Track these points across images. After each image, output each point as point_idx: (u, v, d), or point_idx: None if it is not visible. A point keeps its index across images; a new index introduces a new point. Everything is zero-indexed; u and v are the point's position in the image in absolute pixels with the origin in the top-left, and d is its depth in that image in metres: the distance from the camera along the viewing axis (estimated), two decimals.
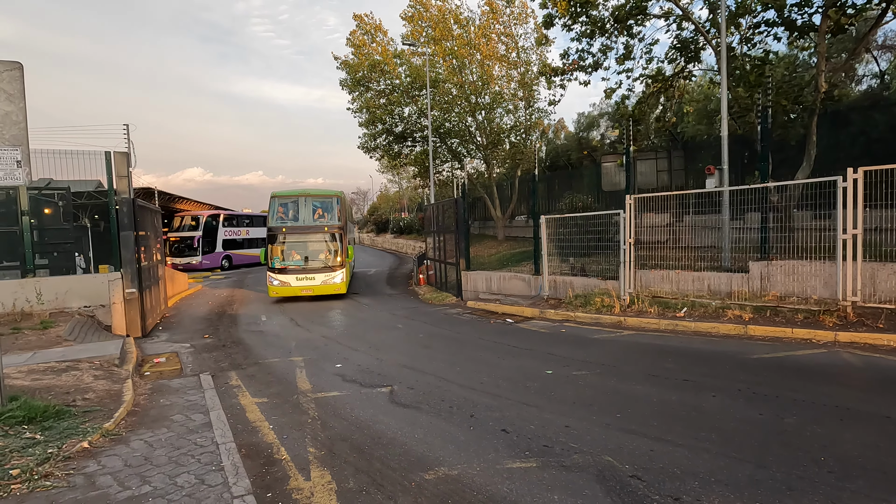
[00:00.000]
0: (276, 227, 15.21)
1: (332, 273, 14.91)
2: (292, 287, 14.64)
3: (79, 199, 14.45)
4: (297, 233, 15.17)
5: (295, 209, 15.69)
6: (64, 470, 3.64)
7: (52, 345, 7.50)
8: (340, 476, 3.54)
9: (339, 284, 14.98)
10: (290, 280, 14.60)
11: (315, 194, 16.30)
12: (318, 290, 14.77)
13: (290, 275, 14.61)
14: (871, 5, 11.75)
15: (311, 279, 14.70)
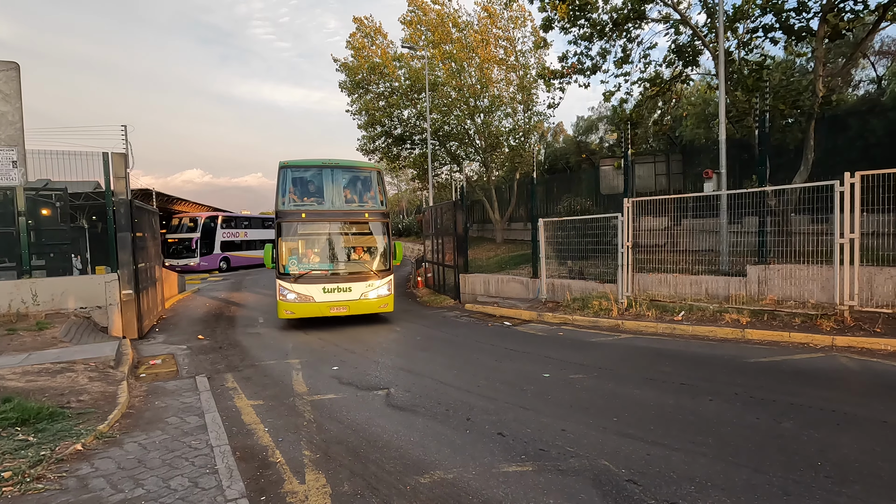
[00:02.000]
0: (291, 212, 10.05)
1: (375, 282, 10.21)
2: (317, 304, 9.82)
3: (76, 199, 14.41)
4: (324, 220, 10.31)
5: (317, 186, 10.79)
6: (56, 472, 3.61)
7: (48, 346, 7.46)
8: (335, 479, 3.52)
9: (384, 298, 10.37)
10: (314, 292, 9.81)
11: (346, 165, 11.12)
12: (357, 308, 10.08)
13: (313, 284, 9.86)
14: (867, 11, 11.80)
15: (347, 291, 10.03)
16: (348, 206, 10.65)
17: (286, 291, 9.82)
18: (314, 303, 9.83)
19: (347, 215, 10.47)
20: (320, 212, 10.28)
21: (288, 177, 10.41)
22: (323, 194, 10.56)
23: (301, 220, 10.06)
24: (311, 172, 10.84)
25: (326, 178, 10.66)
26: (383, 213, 10.76)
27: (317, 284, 9.90)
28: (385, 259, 10.52)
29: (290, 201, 10.34)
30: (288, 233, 10.02)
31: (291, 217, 10.03)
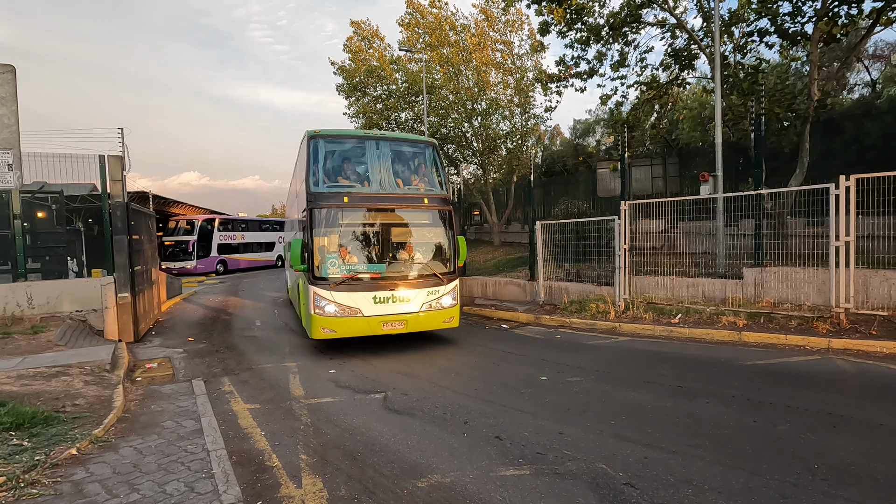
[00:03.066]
0: (329, 195, 7.78)
1: (440, 288, 8.02)
2: (365, 319, 7.53)
3: (72, 202, 14.37)
4: (373, 207, 7.98)
5: (359, 163, 8.43)
6: (51, 477, 3.59)
7: (43, 349, 7.41)
8: (332, 483, 3.51)
9: (450, 310, 8.12)
10: (363, 303, 7.52)
11: (396, 137, 9.15)
12: (417, 324, 7.82)
13: (361, 292, 7.54)
14: (862, 16, 11.90)
15: (405, 301, 7.73)
16: (402, 189, 8.28)
17: (324, 302, 7.33)
18: (362, 317, 7.44)
19: (402, 201, 8.14)
20: (368, 196, 7.92)
21: (320, 151, 7.95)
22: (367, 174, 8.20)
23: (343, 207, 7.68)
24: (351, 146, 8.51)
25: (371, 154, 8.22)
26: (445, 199, 8.39)
27: (365, 292, 7.50)
28: (449, 258, 8.25)
29: (324, 182, 7.88)
30: (324, 223, 7.61)
31: (329, 202, 7.65)
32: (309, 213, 7.60)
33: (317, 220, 7.59)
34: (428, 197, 8.28)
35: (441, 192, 8.47)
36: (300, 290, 8.87)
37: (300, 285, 8.91)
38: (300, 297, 8.96)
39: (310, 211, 7.60)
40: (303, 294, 8.45)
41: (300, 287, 8.91)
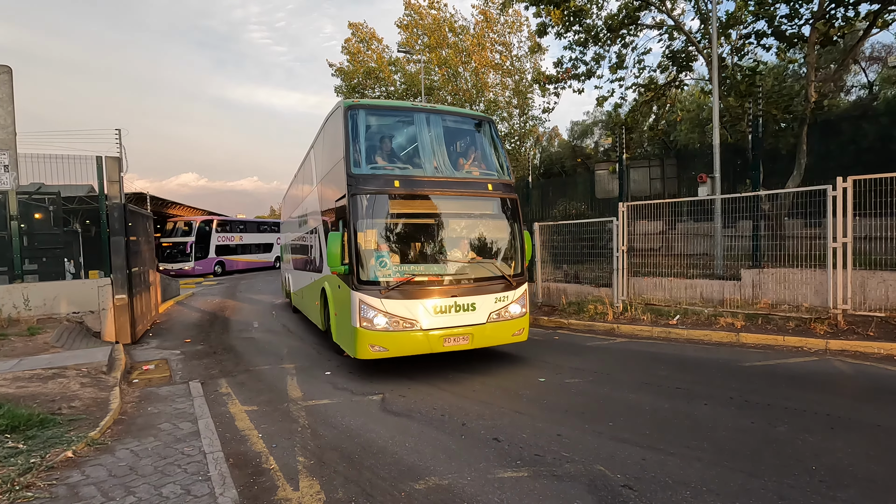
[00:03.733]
0: (376, 178, 6.39)
1: (508, 294, 6.66)
2: (423, 333, 6.14)
3: (69, 203, 14.31)
4: (429, 194, 6.56)
5: (408, 141, 7.32)
6: (46, 480, 3.57)
7: (39, 351, 7.38)
8: (330, 486, 3.49)
9: (519, 320, 6.78)
10: (420, 314, 6.13)
11: (450, 111, 7.70)
12: (483, 338, 6.49)
13: (417, 300, 6.15)
14: (858, 18, 11.95)
15: (469, 310, 6.36)
16: (461, 173, 6.92)
17: (372, 312, 5.94)
18: (419, 332, 6.04)
19: (463, 186, 6.72)
20: (423, 180, 6.47)
21: (360, 124, 6.58)
22: (418, 154, 6.84)
23: (394, 193, 6.26)
24: (396, 120, 7.25)
25: (421, 130, 6.86)
26: (510, 186, 7.08)
27: (423, 300, 6.09)
28: (517, 257, 6.91)
29: (367, 163, 6.45)
30: (371, 213, 6.16)
31: (376, 186, 6.21)
32: (350, 201, 6.13)
33: (361, 209, 6.11)
34: (492, 183, 6.92)
35: (505, 177, 7.14)
36: (331, 296, 7.48)
37: (328, 291, 7.66)
38: (330, 304, 7.49)
39: (352, 198, 6.14)
40: (335, 301, 7.17)
41: (329, 293, 7.58)
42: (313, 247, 9.47)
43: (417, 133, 6.96)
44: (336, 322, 7.21)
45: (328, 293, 7.72)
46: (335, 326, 7.29)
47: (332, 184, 7.28)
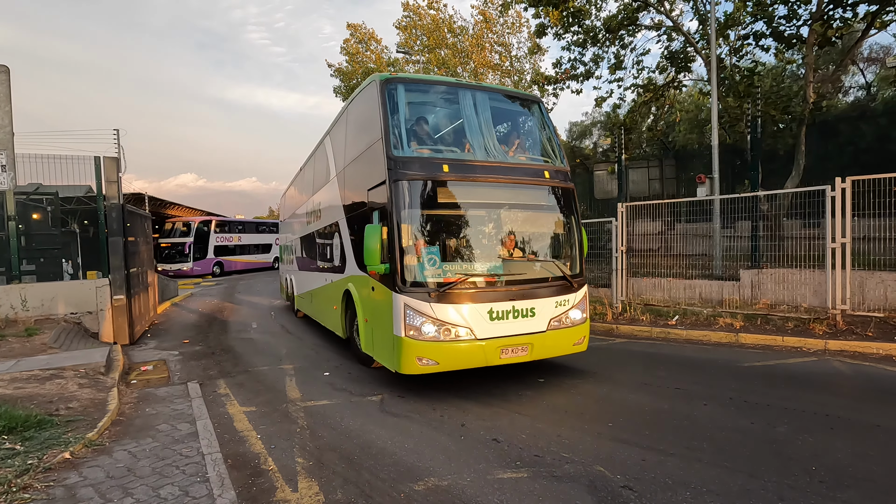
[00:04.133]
0: (423, 160, 5.59)
1: (568, 297, 5.87)
2: (478, 343, 5.27)
3: (67, 204, 14.28)
4: (482, 181, 5.72)
5: (452, 118, 6.60)
6: (44, 482, 3.55)
7: (37, 352, 7.36)
8: (329, 487, 3.48)
9: (580, 327, 5.98)
10: (476, 320, 5.28)
11: (497, 90, 7.13)
12: (543, 349, 5.71)
13: (471, 304, 5.30)
14: (856, 19, 11.98)
15: (528, 315, 5.56)
16: (513, 158, 6.12)
17: (419, 319, 5.11)
18: (474, 342, 5.20)
19: (517, 174, 5.91)
20: (475, 165, 5.64)
21: (400, 100, 5.75)
22: (465, 136, 5.98)
23: (442, 179, 5.43)
24: (439, 97, 6.46)
25: (467, 109, 6.06)
26: (566, 175, 6.30)
27: (478, 304, 5.27)
28: (575, 255, 6.12)
29: (410, 143, 5.64)
30: (416, 202, 5.37)
31: (423, 171, 5.41)
32: (392, 189, 5.27)
33: (405, 197, 5.27)
34: (549, 170, 6.12)
35: (560, 164, 6.36)
36: (359, 300, 6.59)
37: (355, 294, 6.75)
38: (358, 309, 6.57)
39: (393, 185, 5.28)
40: (366, 306, 6.31)
41: (357, 297, 6.66)
42: (330, 245, 8.45)
43: (463, 112, 6.09)
44: (367, 330, 6.34)
45: (355, 297, 6.75)
46: (365, 335, 6.39)
47: (362, 171, 6.43)
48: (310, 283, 10.60)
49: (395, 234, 5.23)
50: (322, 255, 9.30)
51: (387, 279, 5.42)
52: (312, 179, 10.43)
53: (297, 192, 12.97)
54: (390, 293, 5.33)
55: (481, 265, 5.58)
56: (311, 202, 10.34)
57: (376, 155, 5.73)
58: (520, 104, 6.98)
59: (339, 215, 7.75)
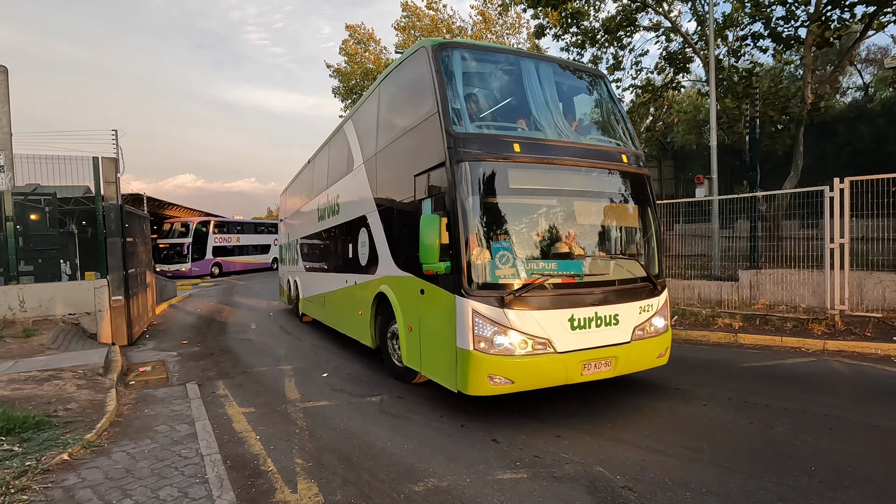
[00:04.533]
0: (490, 138, 4.74)
1: (651, 301, 5.07)
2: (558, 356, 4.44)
3: (66, 204, 14.27)
4: (561, 162, 4.88)
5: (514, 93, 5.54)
6: (42, 483, 3.54)
7: (35, 353, 7.34)
8: (328, 488, 3.47)
9: (664, 337, 5.19)
10: (555, 329, 4.44)
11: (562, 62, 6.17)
12: (628, 363, 4.88)
13: (549, 311, 4.47)
14: (854, 20, 12.02)
15: (612, 324, 4.72)
16: (586, 139, 5.39)
17: (490, 329, 4.31)
18: (553, 355, 4.43)
19: (595, 157, 5.14)
20: (550, 145, 4.89)
21: (456, 70, 4.99)
22: (531, 112, 5.19)
23: (515, 160, 4.65)
24: (498, 67, 5.61)
25: (530, 81, 5.31)
26: (641, 160, 5.58)
27: (557, 311, 4.50)
28: (655, 253, 5.37)
29: (471, 118, 4.90)
30: (483, 188, 4.54)
31: (490, 151, 4.61)
32: (454, 172, 4.47)
33: (471, 182, 4.45)
34: (627, 154, 5.37)
35: (634, 147, 5.60)
36: (400, 305, 5.72)
37: (394, 298, 5.87)
38: (400, 316, 5.68)
39: (456, 167, 4.46)
40: (412, 313, 5.38)
41: (397, 301, 5.80)
42: (353, 242, 7.55)
43: (525, 85, 5.31)
44: (411, 340, 5.43)
45: (393, 301, 5.87)
46: (409, 346, 5.48)
47: (405, 154, 5.65)
48: (322, 286, 9.82)
49: (459, 225, 4.40)
50: (340, 255, 8.46)
51: (447, 280, 4.56)
52: (326, 171, 9.54)
53: (303, 188, 12.04)
54: (451, 297, 4.48)
55: (560, 264, 4.72)
56: (325, 196, 9.49)
57: (429, 133, 4.89)
58: (585, 78, 6.11)
59: (367, 208, 6.94)
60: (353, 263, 7.61)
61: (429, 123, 4.95)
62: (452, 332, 4.49)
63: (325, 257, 9.68)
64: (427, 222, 4.53)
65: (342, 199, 8.36)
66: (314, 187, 10.64)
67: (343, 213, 8.25)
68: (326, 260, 9.60)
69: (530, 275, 4.52)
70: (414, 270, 5.24)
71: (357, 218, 7.44)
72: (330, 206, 9.10)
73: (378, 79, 6.85)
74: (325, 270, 9.62)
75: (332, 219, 8.92)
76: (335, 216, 8.74)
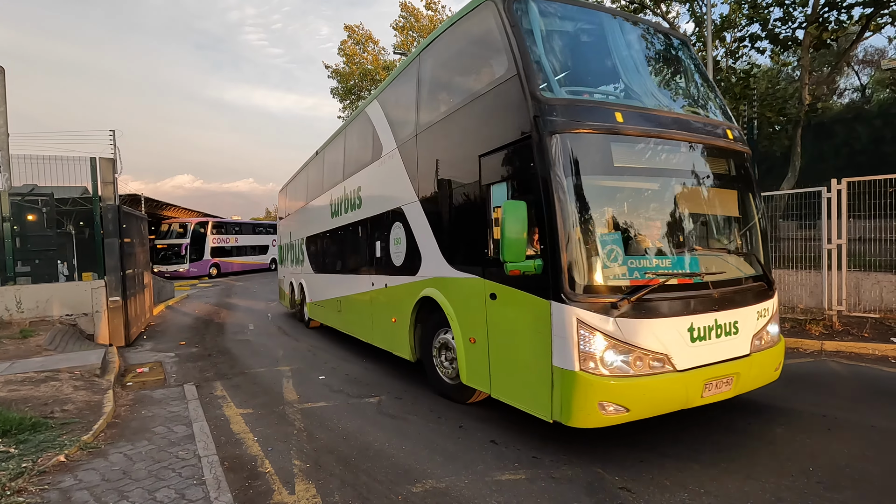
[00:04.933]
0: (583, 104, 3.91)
1: (766, 304, 4.29)
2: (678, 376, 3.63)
3: (63, 205, 14.23)
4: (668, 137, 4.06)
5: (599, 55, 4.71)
6: (38, 485, 3.52)
7: (32, 354, 7.31)
8: (326, 490, 3.46)
9: (778, 347, 4.45)
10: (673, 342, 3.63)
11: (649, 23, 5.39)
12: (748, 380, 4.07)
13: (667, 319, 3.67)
14: (851, 21, 12.06)
15: (731, 333, 3.91)
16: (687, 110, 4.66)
17: (598, 342, 3.50)
18: (672, 374, 3.66)
19: (698, 130, 4.33)
20: (654, 115, 4.16)
21: (534, 25, 4.23)
22: (622, 78, 4.54)
23: (618, 131, 3.89)
24: (579, 24, 4.76)
25: (616, 42, 4.68)
26: (742, 135, 4.81)
27: (676, 319, 3.75)
28: (762, 247, 4.63)
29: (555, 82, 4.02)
30: (582, 167, 3.77)
31: (586, 120, 3.82)
32: (545, 147, 3.64)
33: (568, 158, 3.66)
34: (731, 129, 4.60)
35: (733, 122, 4.84)
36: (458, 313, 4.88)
37: (447, 304, 5.05)
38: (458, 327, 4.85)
39: (549, 140, 3.64)
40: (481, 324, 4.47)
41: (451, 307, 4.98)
42: (388, 239, 6.57)
43: (612, 46, 4.60)
44: (475, 355, 4.60)
45: (446, 307, 5.02)
46: (472, 361, 4.66)
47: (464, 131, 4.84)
48: (336, 289, 8.92)
49: (556, 213, 3.56)
50: (363, 254, 7.60)
51: (535, 282, 3.74)
52: (342, 162, 8.67)
53: (309, 182, 11.17)
54: (544, 304, 3.65)
55: (675, 260, 3.97)
56: (340, 190, 8.59)
57: (503, 102, 4.15)
58: (675, 44, 5.26)
59: (403, 199, 6.09)
60: (383, 263, 6.78)
61: (503, 90, 4.15)
62: (544, 346, 3.65)
63: (342, 257, 8.81)
64: (511, 210, 3.63)
65: (366, 191, 7.52)
66: (325, 181, 9.80)
67: (367, 206, 7.41)
68: (343, 260, 8.74)
69: (643, 274, 3.74)
70: (478, 270, 4.47)
71: (388, 211, 6.59)
72: (347, 199, 8.22)
73: (416, 49, 6.06)
74: (342, 272, 8.73)
75: (351, 214, 8.03)
76: (355, 211, 7.87)
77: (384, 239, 6.72)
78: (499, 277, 4.18)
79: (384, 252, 6.74)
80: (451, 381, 5.30)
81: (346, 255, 8.59)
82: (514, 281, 3.98)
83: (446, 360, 5.38)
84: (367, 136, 7.59)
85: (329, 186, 9.41)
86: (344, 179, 8.50)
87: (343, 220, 8.53)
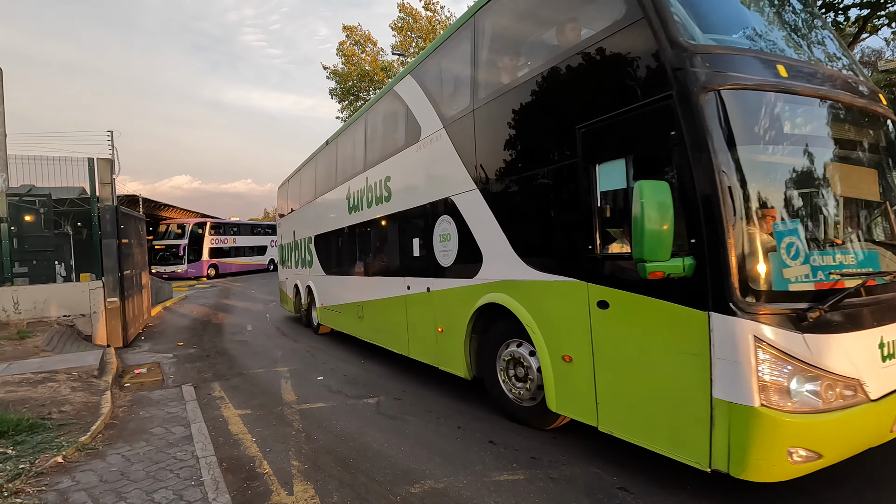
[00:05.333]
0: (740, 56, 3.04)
1: None
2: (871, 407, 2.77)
3: (61, 206, 14.19)
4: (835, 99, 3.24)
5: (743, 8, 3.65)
6: (36, 486, 3.51)
7: (29, 355, 7.29)
8: (324, 490, 3.46)
9: None
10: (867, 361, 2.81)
11: None
12: None
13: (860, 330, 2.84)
14: (848, 23, 12.10)
15: None
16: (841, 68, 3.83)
17: (783, 366, 2.63)
18: (866, 406, 2.78)
19: (859, 93, 3.51)
20: (819, 71, 3.44)
21: None
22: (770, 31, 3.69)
23: (782, 88, 3.01)
24: None
25: None
26: None
27: (864, 333, 2.88)
28: None
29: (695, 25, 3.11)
30: (745, 134, 2.90)
31: (745, 73, 2.94)
32: (695, 107, 2.80)
33: (732, 123, 2.85)
34: (882, 94, 3.83)
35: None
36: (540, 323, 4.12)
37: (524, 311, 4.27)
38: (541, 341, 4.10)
39: (702, 99, 2.79)
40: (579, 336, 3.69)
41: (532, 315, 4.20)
42: (432, 235, 5.70)
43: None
44: (571, 376, 3.82)
45: (525, 317, 4.22)
46: (565, 385, 3.91)
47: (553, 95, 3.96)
48: (356, 293, 8.13)
49: (717, 196, 2.71)
50: (395, 253, 6.75)
51: (685, 287, 2.88)
52: (363, 150, 7.86)
53: (318, 176, 10.26)
54: (699, 315, 2.82)
55: (860, 256, 3.20)
56: (360, 181, 7.69)
57: (620, 55, 3.32)
58: None
59: (454, 187, 5.22)
60: (423, 264, 5.94)
61: (621, 40, 3.30)
62: (698, 372, 2.83)
63: (363, 258, 7.97)
64: (651, 193, 2.73)
65: (397, 181, 6.61)
66: (339, 172, 8.87)
67: (399, 199, 6.55)
68: (365, 261, 7.90)
69: (827, 275, 2.90)
70: (575, 272, 3.66)
71: (431, 203, 5.73)
72: (371, 192, 7.33)
73: (471, 7, 5.08)
74: (364, 274, 7.90)
75: (377, 208, 7.16)
76: (381, 205, 7.00)
77: (425, 235, 5.87)
78: (612, 281, 3.36)
79: (425, 251, 5.89)
80: (522, 404, 4.53)
81: (368, 254, 7.76)
82: (645, 286, 3.07)
83: (517, 378, 4.53)
84: (397, 117, 6.76)
85: (345, 178, 8.47)
86: (366, 170, 7.53)
87: (364, 216, 7.63)
